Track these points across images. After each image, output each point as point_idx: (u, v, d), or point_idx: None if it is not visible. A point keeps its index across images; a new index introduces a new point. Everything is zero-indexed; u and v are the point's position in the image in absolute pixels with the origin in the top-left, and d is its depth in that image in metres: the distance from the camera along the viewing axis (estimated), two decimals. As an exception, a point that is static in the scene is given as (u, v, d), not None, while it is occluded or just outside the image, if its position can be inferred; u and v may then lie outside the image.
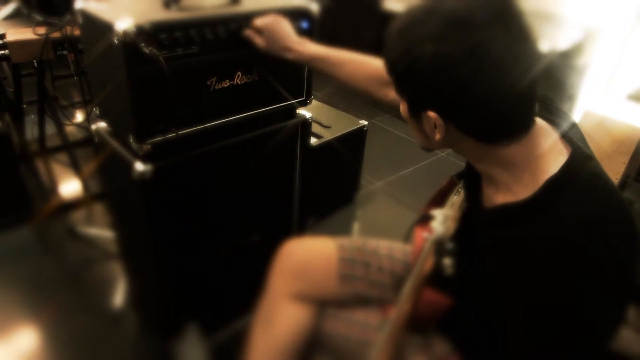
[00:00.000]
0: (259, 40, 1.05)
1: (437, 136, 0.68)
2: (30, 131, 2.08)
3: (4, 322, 1.49)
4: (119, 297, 1.57)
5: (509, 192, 0.69)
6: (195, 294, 1.33)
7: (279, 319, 0.97)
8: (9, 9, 1.48)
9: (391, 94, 1.01)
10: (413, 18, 0.63)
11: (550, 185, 0.64)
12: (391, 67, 0.68)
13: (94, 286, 1.64)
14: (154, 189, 1.05)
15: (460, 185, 0.97)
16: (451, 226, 0.85)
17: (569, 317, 0.62)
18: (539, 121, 0.70)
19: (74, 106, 2.28)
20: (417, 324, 0.83)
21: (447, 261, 0.79)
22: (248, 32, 1.05)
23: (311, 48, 1.06)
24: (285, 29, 1.05)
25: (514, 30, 0.60)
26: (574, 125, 0.74)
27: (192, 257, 1.26)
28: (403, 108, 0.73)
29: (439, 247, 0.82)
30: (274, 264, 1.02)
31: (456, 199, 0.92)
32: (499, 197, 0.72)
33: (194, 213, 1.19)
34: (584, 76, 2.49)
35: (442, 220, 0.86)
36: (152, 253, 1.19)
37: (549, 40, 2.27)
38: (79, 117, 2.32)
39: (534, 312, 0.64)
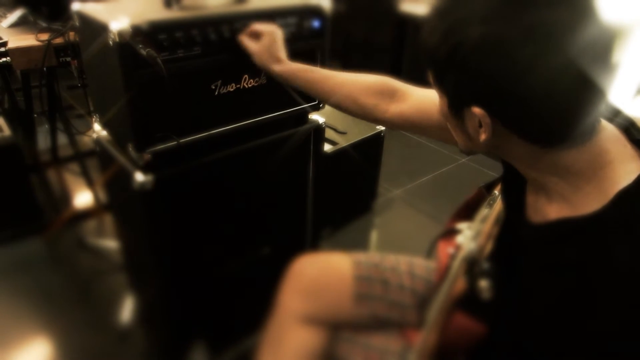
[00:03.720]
0: (252, 47, 0.96)
1: (482, 137, 0.58)
2: (44, 141, 2.06)
3: (12, 334, 1.46)
4: (126, 312, 1.52)
5: (567, 204, 0.59)
6: (202, 311, 1.26)
7: (289, 342, 0.89)
8: (14, 16, 1.45)
9: (390, 109, 0.88)
10: None
11: (623, 199, 0.54)
12: (429, 55, 0.58)
13: (102, 300, 1.59)
14: (156, 200, 0.99)
15: (491, 197, 0.87)
16: (485, 243, 0.75)
17: None
18: (603, 122, 0.59)
19: (90, 115, 2.25)
20: (444, 354, 0.74)
21: (484, 284, 0.69)
22: (243, 38, 0.97)
23: (297, 64, 0.97)
24: (280, 40, 0.97)
25: (581, 10, 0.50)
26: (619, 113, 0.63)
27: (199, 272, 1.19)
28: (442, 104, 0.63)
29: (473, 267, 0.72)
30: (284, 282, 0.94)
31: (487, 212, 0.83)
32: (552, 210, 0.61)
33: (199, 225, 1.12)
34: (615, 75, 2.37)
35: (472, 236, 0.76)
36: (156, 267, 1.12)
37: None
38: (97, 126, 2.30)
39: (601, 349, 0.54)
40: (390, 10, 3.21)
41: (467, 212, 0.93)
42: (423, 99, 0.85)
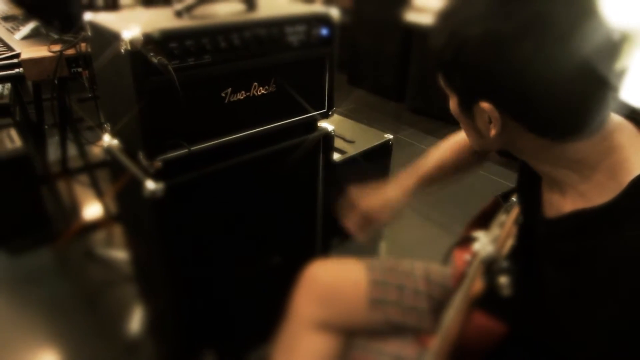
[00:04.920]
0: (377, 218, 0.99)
1: (492, 132, 0.59)
2: (54, 152, 2.08)
3: (21, 343, 1.46)
4: (135, 322, 1.51)
5: (580, 197, 0.59)
6: (213, 321, 1.25)
7: (302, 349, 0.88)
8: (27, 28, 1.47)
9: (480, 159, 0.99)
10: (460, 0, 0.57)
11: (637, 187, 0.54)
12: (437, 57, 0.60)
13: (111, 310, 1.59)
14: (167, 208, 0.99)
15: (508, 204, 0.86)
16: (503, 244, 0.74)
17: None
18: (612, 113, 0.59)
19: (99, 127, 2.27)
20: (464, 355, 0.72)
21: (504, 280, 0.68)
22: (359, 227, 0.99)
23: (409, 183, 1.00)
24: (382, 200, 0.99)
25: (579, 5, 0.51)
26: (634, 110, 0.63)
27: (209, 281, 1.18)
28: (453, 104, 0.65)
29: (492, 265, 0.71)
30: (297, 289, 0.93)
31: (504, 217, 0.82)
32: (566, 203, 0.61)
33: (209, 234, 1.12)
34: (622, 81, 2.36)
35: (488, 241, 0.75)
36: (165, 276, 1.12)
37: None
38: (106, 138, 2.31)
39: (619, 338, 0.54)
40: (395, 21, 3.23)
41: (483, 220, 0.92)
42: None
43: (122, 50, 0.82)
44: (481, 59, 0.53)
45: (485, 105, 0.56)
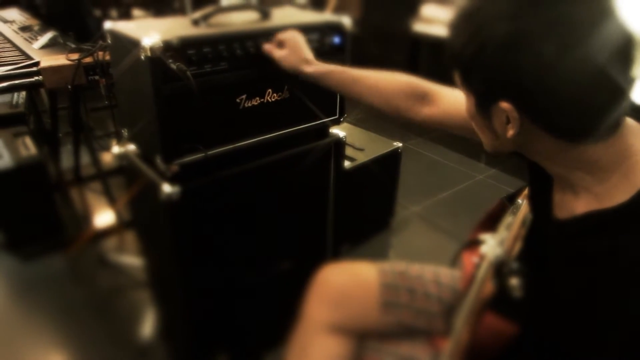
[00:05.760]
0: (278, 53, 1.00)
1: (510, 133, 0.59)
2: (68, 160, 2.12)
3: (34, 349, 1.47)
4: (148, 327, 1.52)
5: (594, 198, 0.60)
6: (225, 324, 1.26)
7: (315, 352, 0.88)
8: (45, 38, 1.51)
9: (423, 112, 0.92)
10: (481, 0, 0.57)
11: None
12: (456, 57, 0.60)
13: (123, 316, 1.60)
14: (182, 212, 1.00)
15: (514, 206, 0.87)
16: (512, 246, 0.75)
17: None
18: (627, 118, 0.60)
19: (110, 136, 2.31)
20: (475, 357, 0.73)
21: (515, 282, 0.69)
22: (268, 46, 1.01)
23: (327, 65, 1.01)
24: (304, 43, 1.01)
25: (601, 8, 0.52)
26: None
27: (222, 285, 1.19)
28: (469, 104, 0.65)
29: (502, 268, 0.72)
30: (310, 291, 0.94)
31: (511, 219, 0.83)
32: (579, 205, 0.62)
33: (223, 238, 1.14)
34: (634, 86, 2.38)
35: (496, 244, 0.76)
36: (179, 280, 1.13)
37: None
38: (116, 148, 2.34)
39: (632, 339, 0.54)
40: (403, 31, 3.26)
41: (490, 223, 0.93)
42: (454, 101, 0.88)
43: (142, 57, 0.85)
44: (505, 57, 0.54)
45: (505, 105, 0.57)
